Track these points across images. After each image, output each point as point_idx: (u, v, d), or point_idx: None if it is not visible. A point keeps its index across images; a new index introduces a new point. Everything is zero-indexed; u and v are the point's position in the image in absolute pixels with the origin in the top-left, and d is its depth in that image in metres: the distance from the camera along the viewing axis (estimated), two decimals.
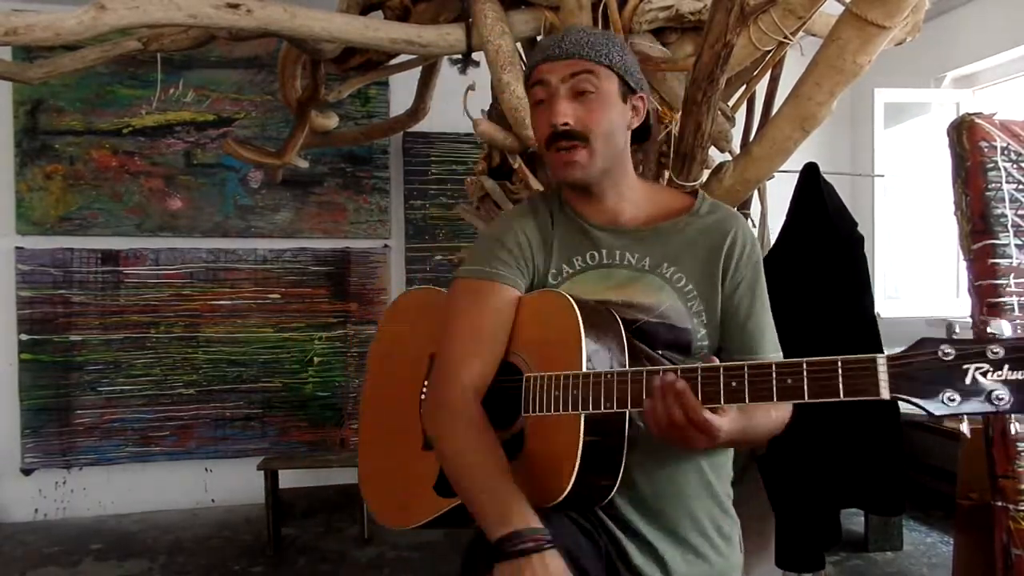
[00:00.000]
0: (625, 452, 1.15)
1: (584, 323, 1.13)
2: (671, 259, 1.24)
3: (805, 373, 0.92)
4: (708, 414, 1.00)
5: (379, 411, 1.43)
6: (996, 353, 0.81)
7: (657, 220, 1.28)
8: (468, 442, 1.15)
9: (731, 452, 1.33)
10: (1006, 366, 0.80)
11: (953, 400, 0.82)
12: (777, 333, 1.30)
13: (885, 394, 0.85)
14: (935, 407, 0.83)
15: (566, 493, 1.10)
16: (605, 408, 1.08)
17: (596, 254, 1.26)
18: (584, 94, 1.20)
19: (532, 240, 1.28)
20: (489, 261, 1.26)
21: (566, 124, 1.19)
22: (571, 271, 1.27)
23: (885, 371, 0.86)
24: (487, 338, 1.21)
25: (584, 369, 1.11)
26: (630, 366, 1.14)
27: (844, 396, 0.88)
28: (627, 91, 1.24)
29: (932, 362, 0.84)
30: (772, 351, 1.26)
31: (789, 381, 0.93)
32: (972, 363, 0.82)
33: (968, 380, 0.82)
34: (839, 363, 0.89)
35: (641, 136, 1.32)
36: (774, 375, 0.95)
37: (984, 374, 0.81)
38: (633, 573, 1.22)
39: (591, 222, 1.28)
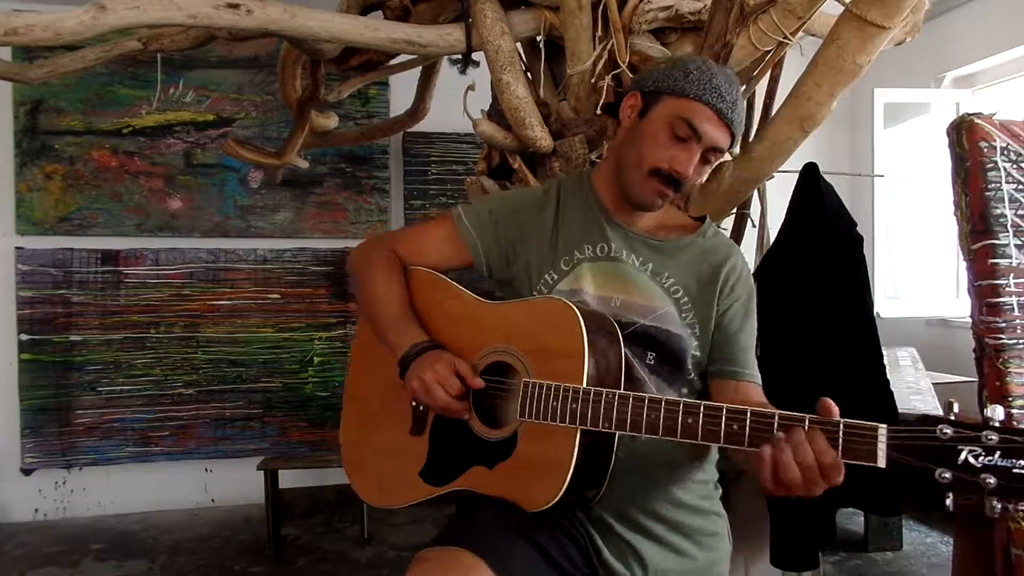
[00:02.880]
0: (612, 467, 1.18)
1: (588, 337, 1.15)
2: (672, 271, 1.30)
3: (806, 429, 0.97)
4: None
5: (362, 397, 1.45)
6: (990, 439, 0.86)
7: (665, 233, 1.35)
8: (380, 280, 1.35)
9: (713, 449, 1.34)
10: (997, 453, 0.86)
11: (944, 478, 0.87)
12: (777, 333, 1.33)
13: (882, 463, 0.91)
14: (926, 481, 0.89)
15: (553, 503, 1.13)
16: (604, 428, 1.11)
17: (606, 246, 1.31)
18: (707, 162, 1.29)
19: (530, 228, 1.36)
20: (475, 213, 1.39)
21: (685, 178, 1.26)
22: (581, 257, 1.31)
23: (885, 441, 0.91)
24: (428, 246, 1.40)
25: (584, 384, 1.13)
26: (625, 384, 1.19)
27: (841, 458, 0.94)
28: None
29: (930, 439, 0.89)
30: (753, 370, 1.31)
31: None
32: (967, 445, 0.87)
33: (960, 461, 0.87)
34: (841, 426, 0.95)
35: None
36: (776, 424, 1.00)
37: (976, 457, 0.87)
38: (611, 570, 1.25)
39: (611, 217, 1.34)
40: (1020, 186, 2.02)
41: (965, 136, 2.02)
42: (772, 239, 2.36)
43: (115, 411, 3.96)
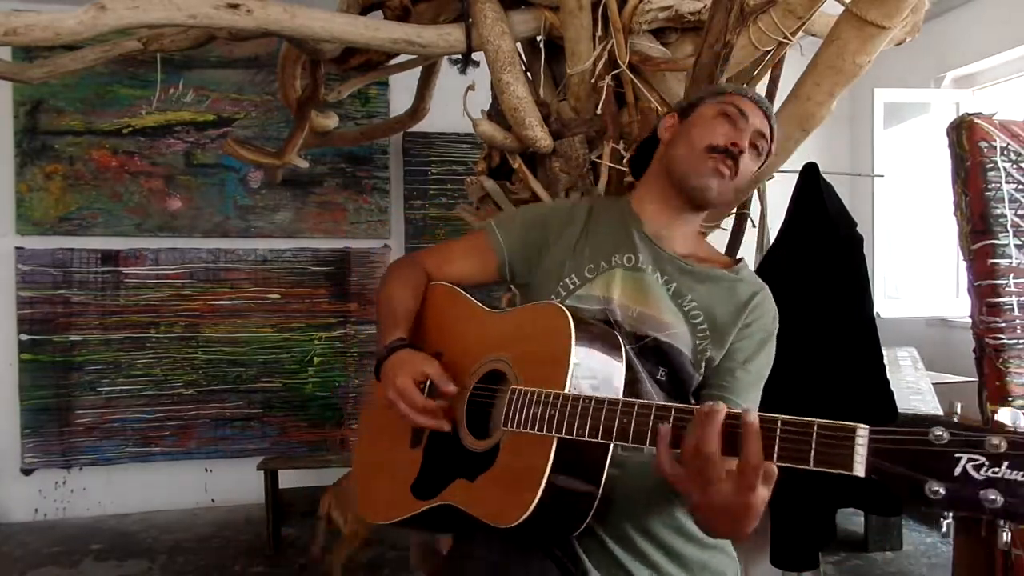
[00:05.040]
0: (600, 492, 1.07)
1: (577, 342, 1.09)
2: (697, 296, 1.28)
3: (779, 431, 0.83)
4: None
5: (376, 409, 1.39)
6: (996, 446, 0.68)
7: (697, 261, 1.34)
8: (395, 287, 1.38)
9: None
10: (1005, 463, 0.67)
11: (936, 493, 0.70)
12: (777, 334, 1.32)
13: (859, 471, 0.76)
14: (913, 496, 0.71)
15: (525, 516, 1.02)
16: (578, 435, 1.02)
17: (633, 257, 1.30)
18: (755, 150, 1.31)
19: (556, 235, 1.37)
20: (505, 219, 1.45)
21: (742, 152, 1.27)
22: (611, 266, 1.30)
23: (865, 445, 0.76)
24: (454, 257, 1.44)
25: (567, 390, 1.06)
26: (626, 395, 1.10)
27: (814, 465, 0.79)
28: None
29: (920, 443, 0.72)
30: (742, 401, 1.23)
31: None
32: (966, 453, 0.69)
33: (957, 472, 0.70)
34: (815, 427, 0.81)
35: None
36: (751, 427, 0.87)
37: (978, 468, 0.68)
38: None
39: (644, 232, 1.33)
40: (1020, 186, 2.02)
41: (965, 136, 2.02)
42: (772, 239, 2.36)
43: (115, 411, 3.96)
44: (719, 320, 1.26)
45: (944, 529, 0.71)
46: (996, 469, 0.67)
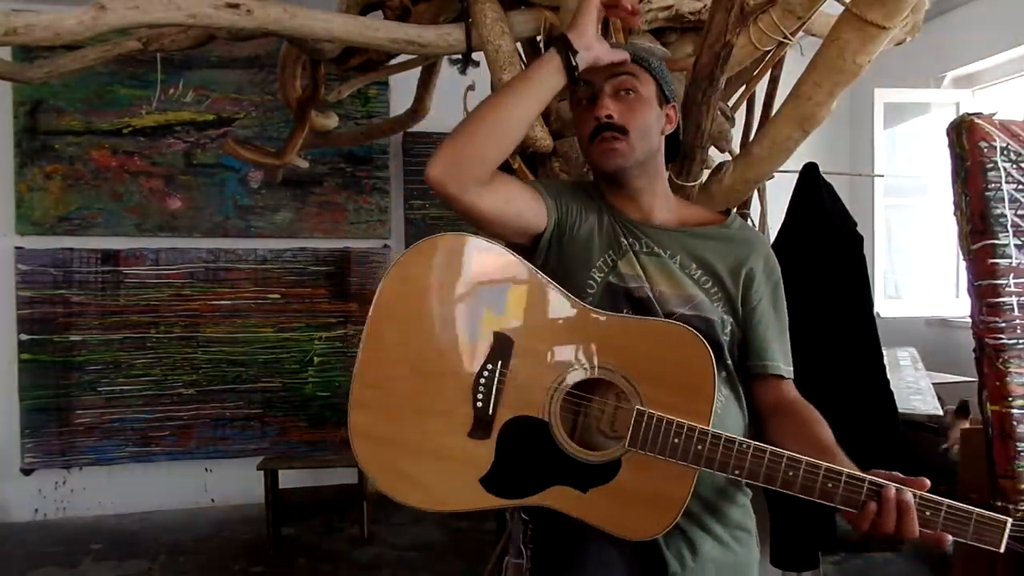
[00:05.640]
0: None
1: (716, 377, 1.13)
2: (699, 261, 1.29)
3: (943, 514, 1.07)
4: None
5: (396, 388, 1.23)
6: None
7: (687, 225, 1.34)
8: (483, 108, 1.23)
9: None
10: None
11: None
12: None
13: (1001, 549, 1.05)
14: None
15: (652, 536, 1.14)
16: (734, 475, 1.11)
17: (637, 242, 1.30)
18: (626, 92, 1.27)
19: (587, 206, 1.33)
20: (548, 184, 1.37)
21: (609, 116, 1.25)
22: (625, 250, 1.29)
23: (1008, 532, 1.04)
24: (513, 187, 1.28)
25: (711, 424, 1.12)
26: None
27: (971, 541, 1.07)
28: (663, 98, 1.31)
29: None
30: (778, 362, 1.31)
31: (927, 514, 1.07)
32: None
33: None
34: (974, 516, 1.06)
35: (672, 150, 1.40)
36: (920, 504, 1.08)
37: None
38: (662, 556, 1.23)
39: (626, 217, 1.32)
40: (1020, 186, 2.02)
41: (965, 136, 2.02)
42: (772, 239, 2.36)
43: (115, 411, 3.96)
44: (724, 276, 1.29)
45: None
46: None
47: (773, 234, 2.37)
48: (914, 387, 3.06)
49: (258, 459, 3.63)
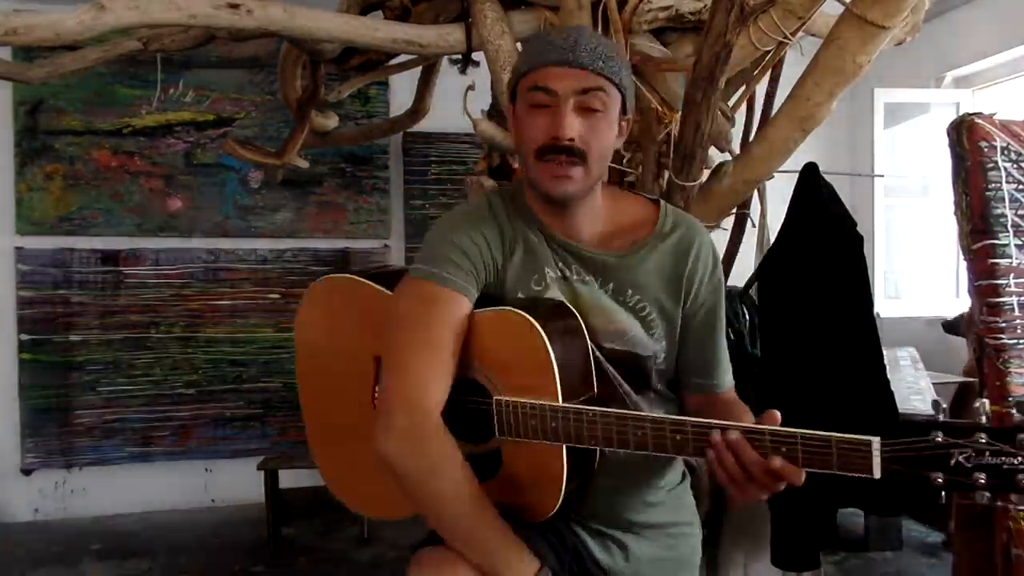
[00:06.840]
0: (595, 471, 1.20)
1: (552, 348, 1.10)
2: (635, 287, 1.21)
3: (800, 446, 0.99)
4: (777, 462, 1.00)
5: (326, 409, 1.43)
6: (980, 441, 0.90)
7: (618, 239, 1.23)
8: (451, 486, 1.09)
9: None
10: (987, 452, 0.90)
11: (939, 481, 0.92)
12: (777, 334, 1.32)
13: (877, 474, 0.95)
14: (922, 484, 0.93)
15: (551, 515, 1.16)
16: (590, 445, 1.11)
17: (559, 270, 1.21)
18: (591, 112, 1.13)
19: (491, 244, 1.20)
20: (442, 264, 1.16)
21: (571, 140, 1.12)
22: (541, 286, 1.21)
23: (879, 454, 0.94)
24: (446, 355, 1.13)
25: (560, 399, 1.10)
26: (598, 390, 1.18)
27: (838, 470, 0.98)
28: (622, 111, 1.19)
29: (922, 448, 0.93)
30: (723, 379, 1.28)
31: (784, 450, 0.99)
32: (957, 449, 0.91)
33: (952, 463, 0.91)
34: (832, 441, 0.97)
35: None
36: (768, 441, 1.01)
37: (967, 459, 0.90)
38: (598, 565, 1.25)
39: (552, 234, 1.22)
40: (1020, 186, 2.02)
41: (965, 136, 2.02)
42: (772, 239, 2.36)
43: (115, 411, 3.96)
44: (662, 296, 1.22)
45: (942, 497, 0.92)
46: (981, 459, 0.90)
47: (773, 234, 2.37)
48: (914, 387, 3.06)
49: (258, 459, 3.62)
